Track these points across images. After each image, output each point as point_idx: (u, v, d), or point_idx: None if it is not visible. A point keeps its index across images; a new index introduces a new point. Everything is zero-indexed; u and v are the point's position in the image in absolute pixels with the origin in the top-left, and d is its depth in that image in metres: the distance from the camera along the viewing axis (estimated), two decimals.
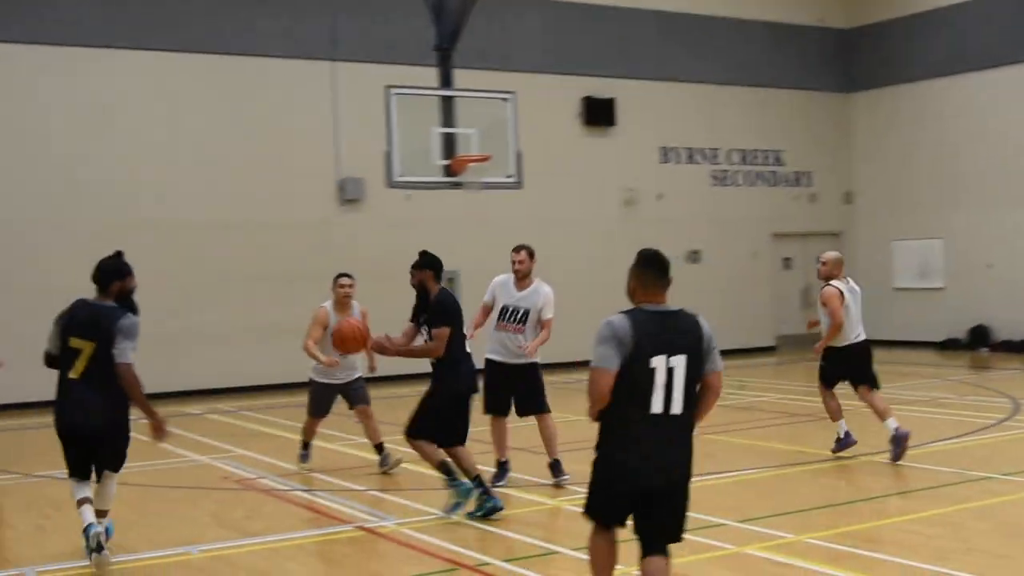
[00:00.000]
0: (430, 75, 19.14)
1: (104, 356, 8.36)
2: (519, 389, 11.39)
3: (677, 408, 6.12)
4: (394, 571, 8.26)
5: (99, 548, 8.42)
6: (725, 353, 17.75)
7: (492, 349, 11.56)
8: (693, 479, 6.34)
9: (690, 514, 6.42)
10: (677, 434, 6.18)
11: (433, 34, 19.34)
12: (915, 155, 27.29)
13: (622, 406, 6.09)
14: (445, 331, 9.81)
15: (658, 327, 6.19)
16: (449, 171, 17.21)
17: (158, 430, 8.67)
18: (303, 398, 13.32)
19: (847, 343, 12.21)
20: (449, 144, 17.24)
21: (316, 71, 22.04)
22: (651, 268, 6.50)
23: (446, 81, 18.24)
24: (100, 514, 8.83)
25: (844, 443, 12.25)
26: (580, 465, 8.61)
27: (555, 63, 24.76)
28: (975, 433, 13.95)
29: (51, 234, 19.81)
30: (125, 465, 8.95)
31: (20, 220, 19.77)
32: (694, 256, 26.44)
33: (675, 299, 6.30)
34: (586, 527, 6.50)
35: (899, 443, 11.84)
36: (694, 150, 26.63)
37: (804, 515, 9.66)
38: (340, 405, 12.83)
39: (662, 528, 6.29)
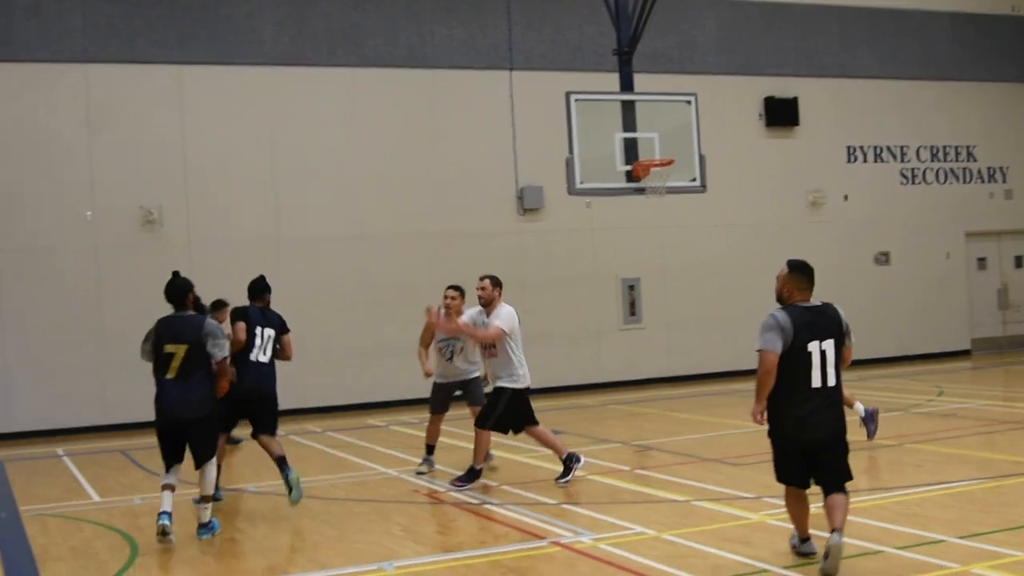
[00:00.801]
0: (609, 81, 18.74)
1: (196, 356, 9.87)
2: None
3: (831, 381, 7.88)
4: None
5: (164, 533, 9.73)
6: (917, 358, 16.81)
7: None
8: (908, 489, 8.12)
9: (906, 530, 8.46)
10: (832, 401, 7.91)
11: (611, 39, 18.92)
12: None
13: (788, 383, 7.82)
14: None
15: (812, 319, 7.90)
16: (631, 176, 16.88)
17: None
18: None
19: None
20: (631, 149, 16.90)
21: (494, 80, 21.88)
22: (802, 273, 8.14)
23: (627, 85, 17.81)
24: (205, 499, 10.16)
25: None
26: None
27: (735, 64, 24.17)
28: None
29: (240, 247, 20.03)
30: (314, 479, 8.80)
31: (223, 237, 20.07)
32: (883, 258, 25.47)
33: (864, 302, 7.90)
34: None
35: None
36: (881, 148, 25.66)
37: None
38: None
39: (837, 472, 8.04)
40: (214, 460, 10.26)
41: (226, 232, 20.26)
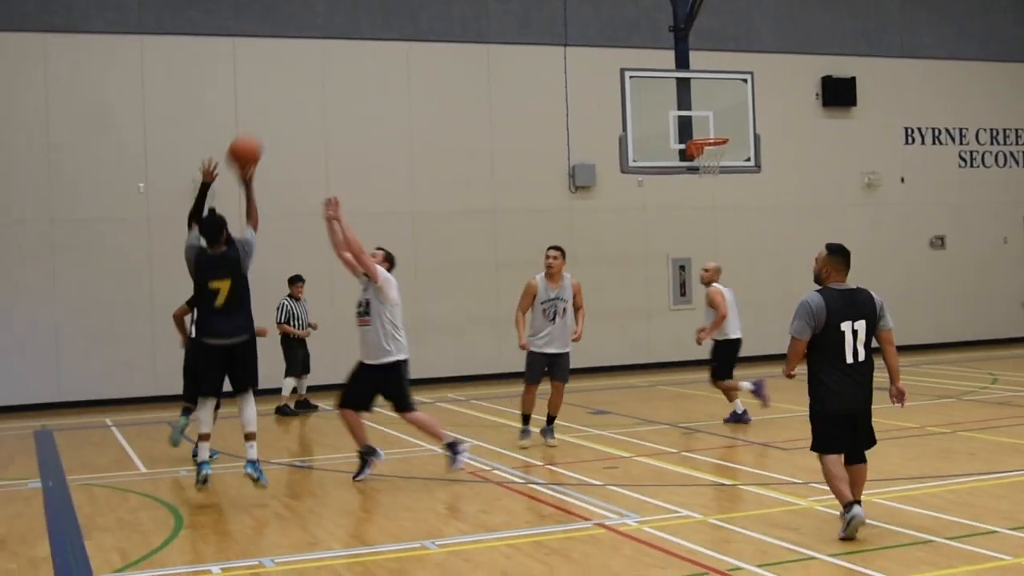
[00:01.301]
0: (664, 58, 18.53)
1: (239, 287, 10.48)
2: None
3: (862, 357, 8.55)
4: (639, 574, 7.78)
5: (204, 482, 10.34)
6: (971, 344, 16.58)
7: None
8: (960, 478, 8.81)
9: (958, 520, 8.72)
10: (864, 374, 8.58)
11: (667, 16, 18.71)
12: None
13: (826, 358, 8.54)
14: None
15: (845, 301, 8.58)
16: (685, 155, 16.75)
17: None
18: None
19: None
20: (685, 128, 16.77)
21: (549, 56, 21.72)
22: (840, 256, 8.83)
23: (682, 63, 17.61)
24: (249, 436, 10.42)
25: None
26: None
27: (793, 42, 23.86)
28: None
29: (304, 223, 20.06)
30: (348, 456, 8.73)
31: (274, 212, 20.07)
32: (939, 242, 25.12)
33: (918, 286, 8.03)
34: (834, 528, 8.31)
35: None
36: (939, 131, 25.27)
37: None
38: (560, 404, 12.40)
39: (865, 440, 8.77)
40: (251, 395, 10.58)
41: (277, 206, 20.23)
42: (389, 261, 12.09)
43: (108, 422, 17.16)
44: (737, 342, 14.97)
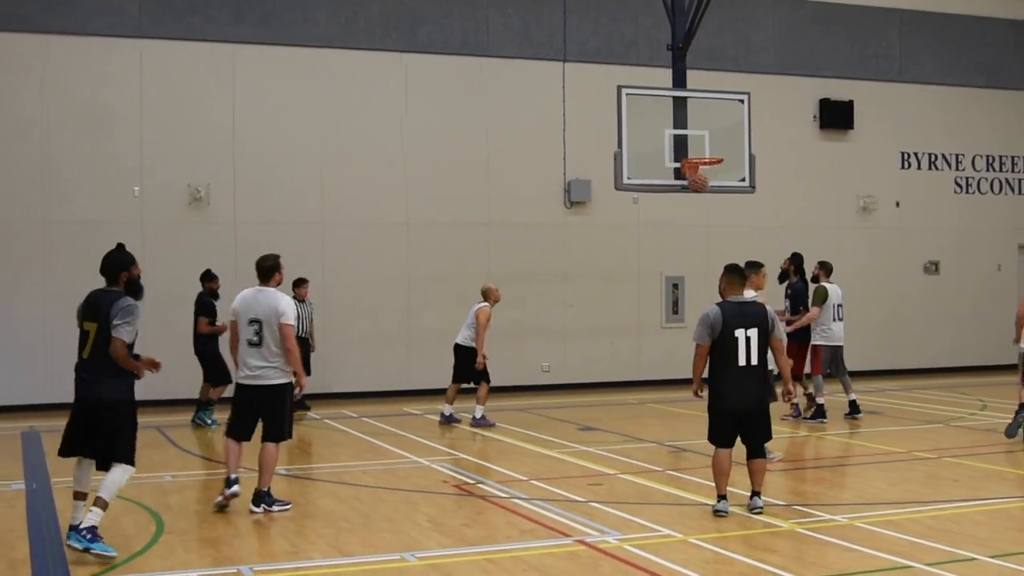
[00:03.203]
0: (662, 76, 18.54)
1: (104, 337, 8.87)
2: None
3: (755, 360, 9.98)
4: None
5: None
6: (962, 370, 16.36)
7: None
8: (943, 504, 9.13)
9: (938, 545, 8.82)
10: (756, 376, 10.02)
11: (665, 34, 18.73)
12: None
13: (721, 362, 10.05)
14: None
15: (740, 312, 10.05)
16: (680, 173, 16.76)
17: (151, 364, 9.23)
18: (526, 401, 13.06)
19: None
20: (680, 146, 16.78)
21: (547, 71, 21.74)
22: (734, 274, 10.29)
23: (679, 81, 17.61)
24: (95, 500, 8.89)
25: None
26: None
27: (791, 64, 23.91)
28: None
29: (298, 230, 20.07)
30: (345, 465, 8.75)
31: (269, 219, 20.12)
32: (933, 267, 25.14)
33: (910, 311, 9.46)
34: (825, 554, 8.49)
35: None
36: (936, 156, 25.31)
37: None
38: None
39: (760, 436, 10.23)
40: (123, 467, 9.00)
41: (272, 214, 20.29)
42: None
43: None
44: None
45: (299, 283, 18.16)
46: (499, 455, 13.82)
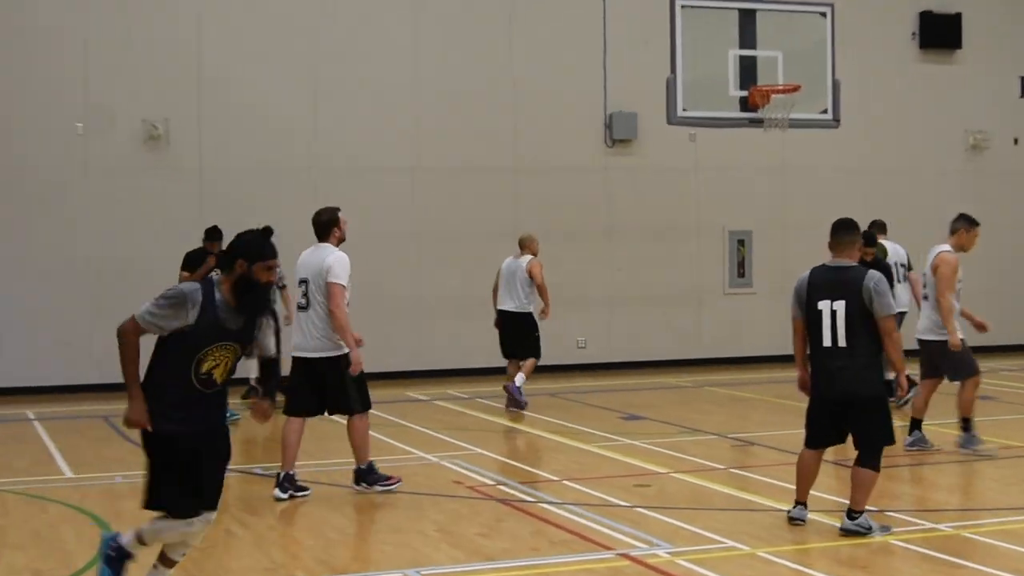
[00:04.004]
0: None
1: None
2: None
3: (841, 342, 9.61)
4: None
5: None
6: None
7: None
8: None
9: None
10: (845, 362, 9.60)
11: None
12: None
13: (809, 340, 9.88)
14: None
15: (829, 278, 9.82)
16: (747, 105, 16.74)
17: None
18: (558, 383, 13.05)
19: None
20: (748, 71, 16.75)
21: None
22: (834, 233, 10.12)
23: None
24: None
25: None
26: None
27: None
28: None
29: (264, 175, 20.02)
30: (338, 462, 8.71)
31: (243, 163, 20.08)
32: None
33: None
34: (927, 572, 8.37)
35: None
36: None
37: None
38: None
39: (860, 439, 9.75)
40: None
41: (247, 157, 20.22)
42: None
43: (30, 415, 17.17)
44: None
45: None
46: (525, 450, 13.79)
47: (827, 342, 9.64)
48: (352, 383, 11.33)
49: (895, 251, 16.97)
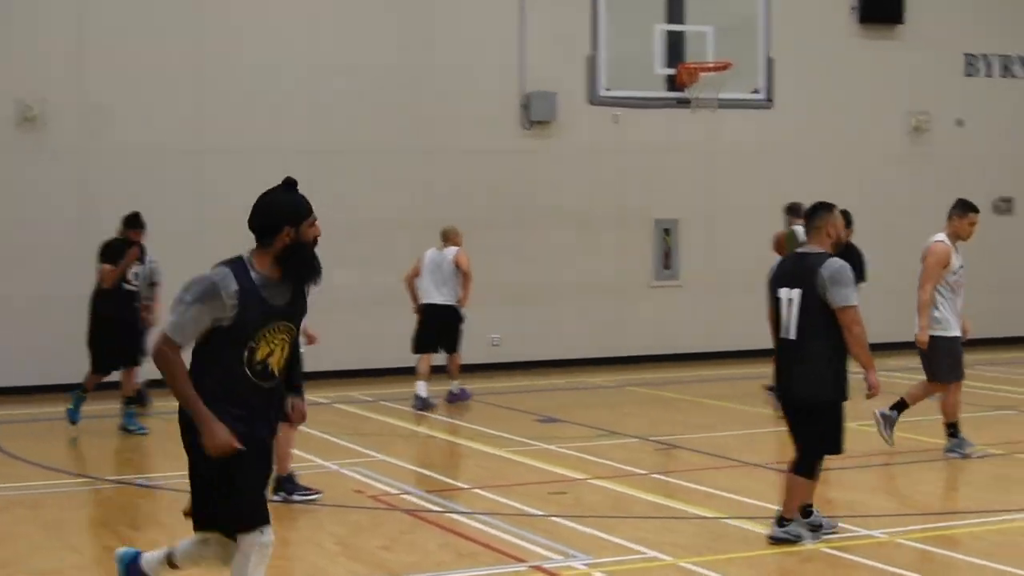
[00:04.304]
0: None
1: None
2: None
3: (792, 334, 9.63)
4: None
5: None
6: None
7: None
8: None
9: (1009, 568, 8.59)
10: (796, 356, 9.62)
11: None
12: None
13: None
14: None
15: (791, 265, 9.93)
16: (675, 83, 16.82)
17: None
18: (469, 384, 13.04)
19: None
20: (675, 47, 16.83)
21: None
22: (809, 214, 10.06)
23: None
24: None
25: None
26: None
27: None
28: None
29: (148, 157, 19.88)
30: None
31: (104, 138, 19.91)
32: (1004, 205, 25.26)
33: (977, 262, 7.64)
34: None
35: None
36: (1012, 59, 25.41)
37: None
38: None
39: (802, 440, 9.75)
40: None
41: (130, 138, 20.05)
42: None
43: None
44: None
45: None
46: (433, 456, 13.80)
47: (783, 333, 9.69)
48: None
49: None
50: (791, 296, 9.58)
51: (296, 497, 11.47)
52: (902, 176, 23.90)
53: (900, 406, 13.20)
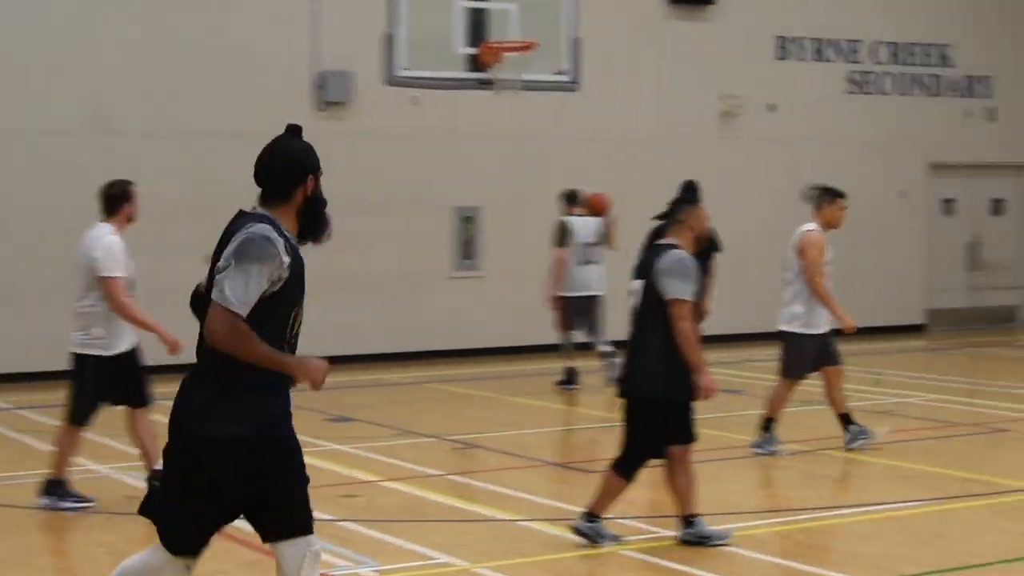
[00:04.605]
0: None
1: None
2: None
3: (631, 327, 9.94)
4: None
5: None
6: (861, 332, 16.04)
7: None
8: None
9: (810, 568, 8.91)
10: (636, 349, 9.89)
11: None
12: None
13: None
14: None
15: (646, 256, 10.08)
16: (477, 63, 16.84)
17: None
18: None
19: None
20: (477, 26, 16.85)
21: None
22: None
23: None
24: None
25: None
26: None
27: None
28: None
29: None
30: None
31: None
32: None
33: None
34: None
35: None
36: (825, 42, 25.92)
37: (981, 572, 9.17)
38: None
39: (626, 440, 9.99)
40: None
41: None
42: None
43: None
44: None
45: None
46: None
47: (630, 326, 10.00)
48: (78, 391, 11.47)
49: (584, 226, 17.33)
50: (635, 287, 9.83)
51: (66, 504, 11.29)
52: (712, 162, 24.21)
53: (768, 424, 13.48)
